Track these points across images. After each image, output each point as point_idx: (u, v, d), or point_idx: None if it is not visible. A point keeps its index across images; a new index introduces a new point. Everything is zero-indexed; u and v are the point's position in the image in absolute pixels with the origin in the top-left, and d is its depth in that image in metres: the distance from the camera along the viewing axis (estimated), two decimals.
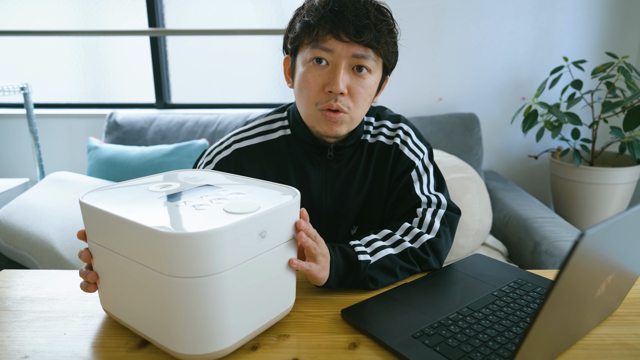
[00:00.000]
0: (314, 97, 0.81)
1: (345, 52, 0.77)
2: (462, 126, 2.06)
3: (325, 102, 0.80)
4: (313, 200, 0.91)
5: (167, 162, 1.91)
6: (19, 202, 1.53)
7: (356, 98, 0.81)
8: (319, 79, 0.80)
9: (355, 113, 0.83)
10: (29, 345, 0.62)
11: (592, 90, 1.97)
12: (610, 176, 1.94)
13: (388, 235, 0.83)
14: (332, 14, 0.76)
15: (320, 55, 0.78)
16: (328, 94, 0.80)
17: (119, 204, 0.60)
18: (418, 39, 2.15)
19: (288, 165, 0.90)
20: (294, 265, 0.66)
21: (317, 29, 0.77)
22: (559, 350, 0.59)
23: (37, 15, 2.33)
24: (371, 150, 0.92)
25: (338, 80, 0.77)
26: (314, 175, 0.90)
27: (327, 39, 0.77)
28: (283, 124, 0.93)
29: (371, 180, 0.92)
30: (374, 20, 0.77)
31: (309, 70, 0.80)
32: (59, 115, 2.34)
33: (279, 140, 0.91)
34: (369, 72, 0.81)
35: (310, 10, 0.79)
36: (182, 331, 0.56)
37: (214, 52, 2.38)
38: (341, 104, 0.80)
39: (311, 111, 0.83)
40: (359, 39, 0.76)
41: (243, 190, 0.66)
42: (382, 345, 0.62)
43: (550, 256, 1.42)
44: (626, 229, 0.50)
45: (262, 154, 0.90)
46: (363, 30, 0.76)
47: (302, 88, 0.82)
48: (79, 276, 0.68)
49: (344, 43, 0.77)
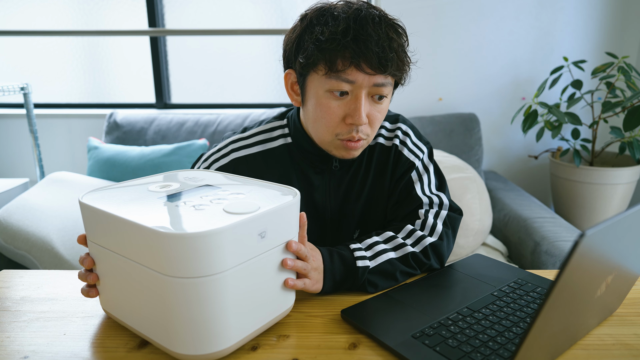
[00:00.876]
0: (333, 128, 0.78)
1: (367, 83, 0.75)
2: (462, 126, 2.06)
3: (347, 133, 0.78)
4: (317, 207, 0.90)
5: (167, 162, 1.91)
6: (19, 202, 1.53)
7: (374, 124, 0.80)
8: (339, 110, 0.77)
9: (371, 136, 0.82)
10: (29, 346, 0.62)
11: (592, 90, 1.97)
12: (610, 176, 1.94)
13: (390, 238, 0.82)
14: (355, 45, 0.71)
15: (342, 88, 0.75)
16: (349, 126, 0.77)
17: (119, 204, 0.60)
18: (418, 39, 2.15)
19: (290, 173, 0.88)
20: (289, 285, 0.66)
21: (337, 58, 0.73)
22: (559, 351, 0.59)
23: (37, 15, 2.33)
24: (371, 153, 0.91)
25: (361, 113, 0.75)
26: (318, 182, 0.89)
27: (348, 72, 0.73)
28: (283, 132, 0.90)
29: (372, 182, 0.91)
30: (396, 49, 0.74)
31: (329, 100, 0.77)
32: (59, 115, 2.34)
33: (280, 149, 0.89)
34: (386, 98, 0.79)
35: (325, 33, 0.73)
36: (182, 331, 0.56)
37: (214, 52, 2.38)
38: (362, 134, 0.79)
39: (329, 139, 0.80)
40: (383, 72, 0.74)
41: (243, 191, 0.66)
42: (382, 345, 0.62)
43: (550, 256, 1.42)
44: (626, 229, 0.50)
45: (262, 162, 0.88)
46: (387, 63, 0.73)
47: (320, 117, 0.78)
48: (79, 279, 0.68)
49: (366, 74, 0.74)
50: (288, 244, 0.64)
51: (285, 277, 0.66)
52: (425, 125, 2.05)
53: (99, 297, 0.68)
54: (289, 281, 0.66)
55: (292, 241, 0.65)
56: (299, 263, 0.67)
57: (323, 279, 0.74)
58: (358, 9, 0.74)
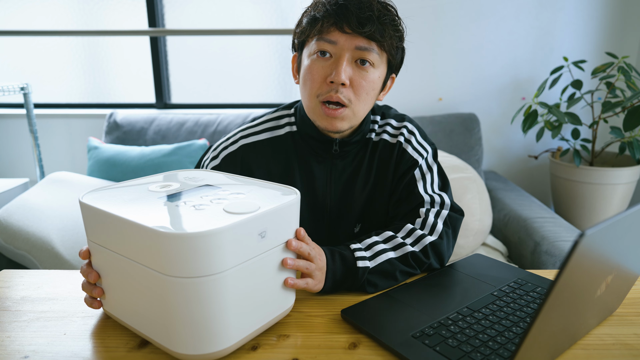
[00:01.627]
0: (316, 88, 0.82)
1: (349, 44, 0.78)
2: (462, 126, 2.06)
3: (326, 93, 0.81)
4: (317, 198, 0.91)
5: (167, 162, 1.91)
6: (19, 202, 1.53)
7: (358, 91, 0.81)
8: (322, 71, 0.81)
9: (357, 107, 0.82)
10: (29, 345, 0.62)
11: (592, 90, 1.97)
12: (610, 176, 1.94)
13: (390, 238, 0.83)
14: (337, 7, 0.78)
15: (324, 47, 0.80)
16: (330, 85, 0.80)
17: (119, 204, 0.60)
18: (418, 39, 2.15)
19: (293, 162, 0.91)
20: (289, 284, 0.66)
21: (322, 22, 0.79)
22: (559, 350, 0.59)
23: (37, 15, 2.33)
24: (375, 148, 0.92)
25: (340, 71, 0.78)
26: (319, 172, 0.91)
27: (330, 31, 0.79)
28: (290, 120, 0.93)
29: (374, 178, 0.92)
30: (377, 14, 0.78)
31: (313, 62, 0.81)
32: (59, 115, 2.34)
33: (285, 137, 0.92)
34: (372, 66, 0.81)
35: (317, 5, 0.81)
36: (182, 331, 0.56)
37: (214, 52, 2.38)
38: (342, 96, 0.80)
39: (313, 104, 0.83)
40: (362, 30, 0.77)
41: (243, 190, 0.66)
42: (382, 345, 0.62)
43: (550, 256, 1.42)
44: (626, 229, 0.50)
45: (269, 149, 0.91)
46: (366, 22, 0.77)
47: (305, 80, 0.83)
48: (83, 290, 0.68)
49: (347, 35, 0.78)
50: (288, 242, 0.64)
51: (285, 276, 0.66)
52: (425, 125, 2.05)
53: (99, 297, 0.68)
54: (288, 280, 0.66)
55: (292, 239, 0.65)
56: (300, 262, 0.67)
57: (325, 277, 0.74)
58: None
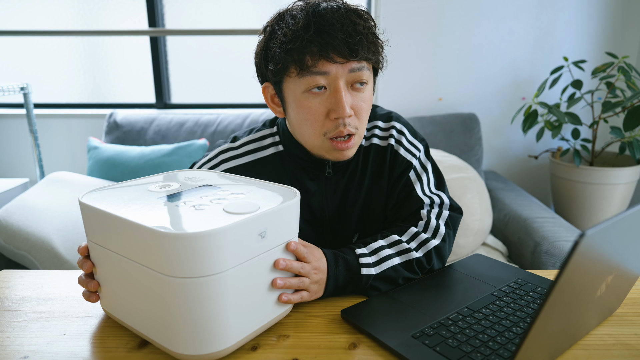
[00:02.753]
0: (319, 127, 0.76)
1: (342, 72, 0.73)
2: (462, 126, 2.06)
3: (334, 129, 0.75)
4: (314, 213, 0.88)
5: (167, 162, 1.91)
6: (19, 202, 1.53)
7: (360, 114, 0.77)
8: (321, 107, 0.75)
9: (361, 130, 0.79)
10: (29, 346, 0.62)
11: (592, 90, 1.97)
12: (610, 176, 1.94)
13: (396, 242, 0.81)
14: (319, 37, 0.70)
15: (318, 82, 0.73)
16: (335, 121, 0.75)
17: (119, 204, 0.60)
18: (418, 39, 2.15)
19: (283, 181, 0.86)
20: (283, 301, 0.65)
21: (305, 56, 0.71)
22: (559, 351, 0.59)
23: (37, 15, 2.33)
24: (366, 154, 0.88)
25: (343, 105, 0.73)
26: (313, 188, 0.87)
27: (318, 64, 0.72)
28: (274, 140, 0.88)
29: (369, 184, 0.89)
30: (363, 32, 0.72)
31: (308, 100, 0.74)
32: (59, 115, 2.34)
33: (272, 158, 0.87)
34: (367, 84, 0.77)
35: (288, 34, 0.72)
36: (182, 331, 0.56)
37: (214, 52, 2.38)
38: (350, 127, 0.75)
39: (319, 142, 0.78)
40: (355, 57, 0.72)
41: (243, 191, 0.66)
42: (382, 345, 0.62)
43: (550, 256, 1.42)
44: (626, 229, 0.50)
45: (253, 172, 0.85)
46: (356, 47, 0.71)
47: (304, 120, 0.77)
48: (79, 284, 0.68)
49: (338, 64, 0.72)
50: (275, 262, 0.63)
51: (285, 276, 0.66)
52: (425, 125, 2.05)
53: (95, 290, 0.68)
54: (282, 297, 0.65)
55: (280, 259, 0.63)
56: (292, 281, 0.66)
57: (326, 284, 0.73)
58: (315, 3, 0.73)
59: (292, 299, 0.67)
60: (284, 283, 0.64)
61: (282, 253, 0.64)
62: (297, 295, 0.68)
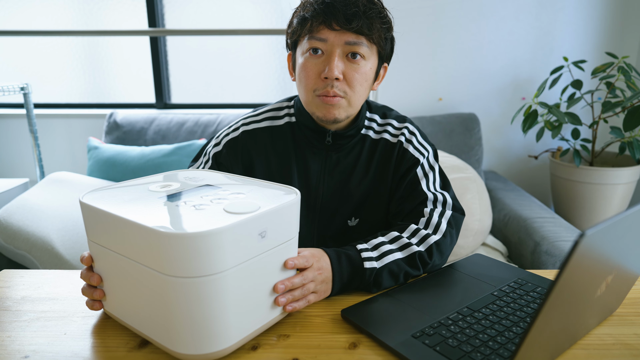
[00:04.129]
0: (311, 84, 0.86)
1: (338, 40, 0.82)
2: (462, 126, 2.06)
3: (322, 88, 0.84)
4: (310, 188, 0.94)
5: (167, 162, 1.91)
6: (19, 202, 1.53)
7: (352, 83, 0.85)
8: (315, 67, 0.85)
9: (352, 98, 0.86)
10: (29, 345, 0.62)
11: (592, 90, 1.97)
12: (610, 176, 1.94)
13: (396, 238, 0.83)
14: (324, 6, 0.82)
15: (316, 45, 0.84)
16: (324, 81, 0.84)
17: (119, 204, 0.60)
18: (418, 39, 2.15)
19: (290, 153, 0.94)
20: (289, 311, 0.67)
21: (311, 21, 0.83)
22: (559, 350, 0.59)
23: (37, 15, 2.33)
24: (374, 146, 0.95)
25: (332, 67, 0.82)
26: (313, 164, 0.93)
27: (320, 30, 0.83)
28: (289, 111, 0.97)
29: (374, 175, 0.94)
30: (362, 9, 0.82)
31: (307, 60, 0.86)
32: (59, 115, 2.34)
33: (284, 127, 0.95)
34: (363, 59, 0.85)
35: (305, 5, 0.86)
36: (182, 331, 0.56)
37: (214, 52, 2.38)
38: (337, 90, 0.84)
39: (310, 98, 0.87)
40: (349, 26, 0.81)
41: (243, 190, 0.66)
42: (382, 345, 0.62)
43: (550, 256, 1.42)
44: (626, 229, 0.50)
45: (268, 138, 0.95)
46: (352, 18, 0.81)
47: (301, 77, 0.87)
48: (81, 278, 0.68)
49: (336, 32, 0.82)
50: (275, 286, 0.64)
51: (285, 276, 0.66)
52: (425, 125, 2.05)
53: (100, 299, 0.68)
54: (287, 308, 0.66)
55: (278, 282, 0.64)
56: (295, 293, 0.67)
57: (332, 281, 0.74)
58: None
59: (297, 307, 0.68)
60: (286, 300, 0.66)
61: (283, 253, 0.64)
62: (302, 301, 0.69)
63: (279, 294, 0.65)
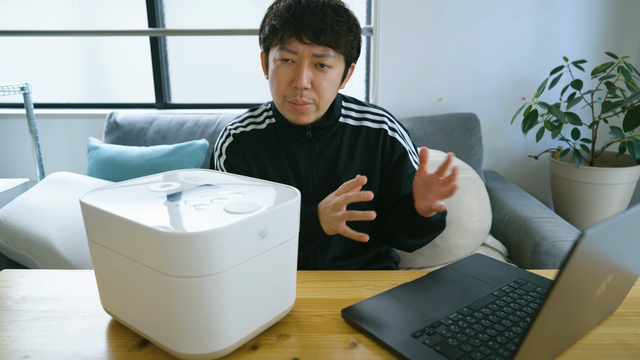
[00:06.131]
0: (282, 90, 0.93)
1: (307, 52, 0.89)
2: (462, 126, 2.06)
3: (292, 96, 0.92)
4: (301, 179, 1.01)
5: (167, 162, 1.91)
6: (19, 202, 1.53)
7: (320, 90, 0.92)
8: (286, 75, 0.92)
9: (320, 103, 0.94)
10: (30, 345, 0.62)
11: (592, 90, 1.97)
12: (610, 176, 1.94)
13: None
14: (294, 19, 0.87)
15: (286, 56, 0.90)
16: (294, 89, 0.91)
17: (119, 204, 0.60)
18: (418, 39, 2.15)
19: (278, 150, 1.01)
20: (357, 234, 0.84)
21: (282, 32, 0.89)
22: (559, 350, 0.59)
23: (37, 15, 2.33)
24: (356, 133, 1.03)
25: (302, 77, 0.89)
26: (300, 156, 1.01)
27: (290, 42, 0.89)
28: (268, 113, 1.05)
29: (360, 161, 1.02)
30: (330, 23, 0.87)
31: (278, 67, 0.92)
32: (59, 115, 2.34)
33: (267, 129, 1.03)
34: (330, 68, 0.92)
35: (277, 14, 0.90)
36: (183, 331, 0.56)
37: (214, 52, 2.38)
38: (306, 98, 0.92)
39: (280, 101, 0.95)
40: (318, 41, 0.87)
41: (243, 190, 0.66)
42: (382, 345, 0.62)
43: (550, 256, 1.42)
44: (626, 229, 0.50)
45: (256, 140, 1.02)
46: (320, 34, 0.87)
47: (273, 82, 0.94)
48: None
49: (305, 45, 0.88)
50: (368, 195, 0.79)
51: (285, 277, 0.66)
52: (425, 125, 2.05)
53: (99, 297, 0.68)
54: (363, 236, 0.83)
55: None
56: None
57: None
58: None
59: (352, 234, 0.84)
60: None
61: (283, 253, 0.64)
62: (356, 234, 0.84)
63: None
